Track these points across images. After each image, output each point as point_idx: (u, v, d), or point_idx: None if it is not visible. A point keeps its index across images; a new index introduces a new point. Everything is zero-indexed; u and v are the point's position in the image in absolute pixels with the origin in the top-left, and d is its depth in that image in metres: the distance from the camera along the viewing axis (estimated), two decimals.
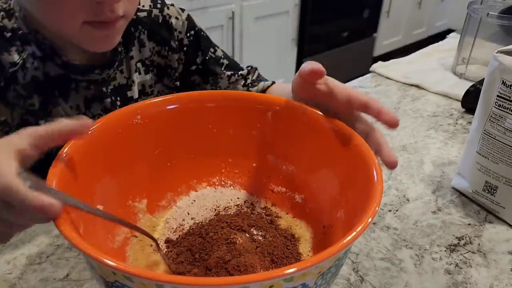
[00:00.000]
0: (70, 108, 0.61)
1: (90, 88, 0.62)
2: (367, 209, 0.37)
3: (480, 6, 1.09)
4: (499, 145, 0.60)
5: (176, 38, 0.71)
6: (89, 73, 0.61)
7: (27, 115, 0.58)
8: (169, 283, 0.30)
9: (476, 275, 0.54)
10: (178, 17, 0.71)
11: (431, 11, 3.58)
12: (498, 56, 0.59)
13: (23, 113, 0.58)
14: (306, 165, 0.54)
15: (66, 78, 0.60)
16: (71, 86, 0.60)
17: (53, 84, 0.59)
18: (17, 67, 0.55)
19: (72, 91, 0.61)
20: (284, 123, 0.54)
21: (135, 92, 0.69)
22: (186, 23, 0.72)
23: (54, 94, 0.59)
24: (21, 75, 0.56)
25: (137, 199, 0.53)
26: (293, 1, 2.45)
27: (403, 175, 0.74)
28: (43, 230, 0.58)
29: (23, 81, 0.56)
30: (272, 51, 2.45)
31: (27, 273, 0.52)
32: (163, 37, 0.70)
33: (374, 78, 1.13)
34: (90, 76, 0.62)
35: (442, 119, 0.93)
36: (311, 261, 0.32)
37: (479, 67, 1.10)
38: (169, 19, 0.70)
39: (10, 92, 0.56)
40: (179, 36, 0.72)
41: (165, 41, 0.70)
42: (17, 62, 0.55)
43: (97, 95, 0.63)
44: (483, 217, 0.65)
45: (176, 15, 0.71)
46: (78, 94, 0.62)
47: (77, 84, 0.61)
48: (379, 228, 0.62)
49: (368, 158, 0.44)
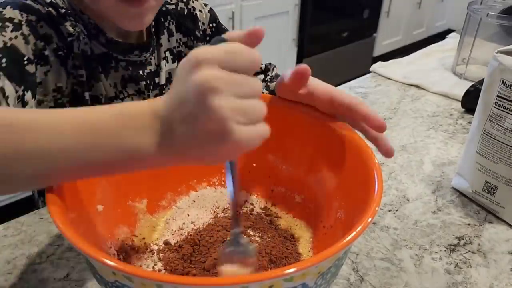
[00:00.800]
0: (109, 85, 0.65)
1: (128, 68, 0.66)
2: (367, 209, 0.37)
3: (480, 6, 1.09)
4: (499, 145, 0.60)
5: (200, 28, 0.76)
6: (128, 53, 0.65)
7: (76, 85, 0.61)
8: (169, 283, 0.30)
9: (476, 275, 0.54)
10: (201, 10, 0.77)
11: (431, 11, 3.58)
12: (498, 56, 0.59)
13: (74, 83, 0.61)
14: (306, 165, 0.54)
15: (108, 56, 0.64)
16: (111, 64, 0.64)
17: (97, 60, 0.62)
18: (74, 37, 0.59)
19: (111, 69, 0.64)
20: (285, 123, 0.54)
21: (162, 78, 0.72)
22: (208, 15, 0.78)
23: (98, 69, 0.63)
24: (76, 45, 0.60)
25: (137, 199, 0.53)
26: (293, 1, 2.45)
27: (403, 175, 0.74)
28: (43, 230, 0.58)
29: (78, 51, 0.60)
30: (272, 51, 2.45)
31: (27, 273, 0.52)
32: (188, 28, 0.75)
33: (374, 78, 1.13)
34: (130, 57, 0.65)
35: (442, 119, 0.93)
36: (311, 261, 0.32)
37: (479, 67, 1.10)
38: (194, 11, 0.75)
39: (69, 60, 0.59)
40: (202, 26, 0.77)
41: (190, 31, 0.75)
42: (73, 34, 0.59)
43: (134, 76, 0.67)
44: (483, 217, 0.65)
45: (200, 8, 0.77)
46: (117, 73, 0.65)
47: (117, 63, 0.64)
48: (379, 228, 0.62)
49: (368, 158, 0.44)
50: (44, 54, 0.56)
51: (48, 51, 0.57)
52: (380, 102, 0.99)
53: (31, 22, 0.55)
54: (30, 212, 0.61)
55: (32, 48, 0.54)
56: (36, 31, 0.55)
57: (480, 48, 1.08)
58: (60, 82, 0.59)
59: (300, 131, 0.53)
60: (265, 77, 0.78)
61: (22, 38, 0.53)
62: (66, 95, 0.60)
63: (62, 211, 0.36)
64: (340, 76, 2.54)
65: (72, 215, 0.38)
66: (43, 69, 0.57)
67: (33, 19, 0.55)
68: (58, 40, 0.58)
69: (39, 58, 0.56)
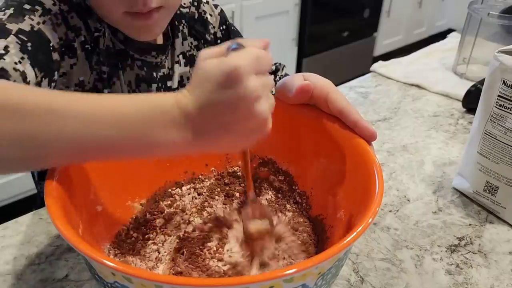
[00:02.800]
0: (124, 82, 0.65)
1: (143, 68, 0.66)
2: (367, 209, 0.37)
3: (480, 6, 1.09)
4: (500, 145, 0.60)
5: (211, 32, 0.76)
6: (145, 53, 0.65)
7: (98, 81, 0.61)
8: (169, 283, 0.30)
9: (477, 275, 0.54)
10: (212, 14, 0.76)
11: (431, 10, 3.57)
12: (498, 56, 0.59)
13: (96, 79, 0.61)
14: (306, 165, 0.54)
15: (125, 54, 0.63)
16: (128, 62, 0.64)
17: (116, 57, 0.63)
18: (101, 33, 0.59)
19: (127, 67, 0.64)
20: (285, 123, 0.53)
21: (175, 82, 0.72)
22: (218, 18, 0.77)
23: (117, 66, 0.63)
24: (102, 41, 0.60)
25: (136, 200, 0.53)
26: (293, 1, 2.44)
27: (403, 175, 0.73)
28: (43, 231, 0.58)
29: (103, 47, 0.60)
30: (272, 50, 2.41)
31: (27, 273, 0.52)
32: (199, 31, 0.75)
33: (375, 78, 1.12)
34: (146, 57, 0.65)
35: (443, 119, 0.93)
36: (311, 261, 0.32)
37: (479, 67, 1.10)
38: (204, 15, 0.75)
39: (94, 55, 0.60)
40: (213, 30, 0.77)
41: (201, 35, 0.75)
42: (100, 29, 0.59)
43: (147, 77, 0.67)
44: (484, 217, 0.65)
45: (210, 12, 0.76)
46: (132, 71, 0.65)
47: (133, 61, 0.64)
48: (379, 228, 0.62)
49: (368, 158, 0.44)
50: (73, 46, 0.57)
51: (76, 43, 0.57)
52: (380, 102, 0.99)
53: (63, 11, 0.55)
54: (29, 213, 0.61)
55: (61, 36, 0.55)
56: (67, 21, 0.56)
57: (481, 47, 1.08)
58: (83, 76, 0.59)
59: (300, 131, 0.53)
60: (275, 78, 0.79)
61: (50, 24, 0.53)
62: (87, 90, 0.60)
63: (62, 212, 0.36)
64: (340, 76, 2.53)
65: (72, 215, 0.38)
66: (70, 61, 0.57)
67: (65, 9, 0.56)
68: (86, 33, 0.58)
69: (68, 49, 0.56)
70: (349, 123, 0.47)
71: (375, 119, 0.92)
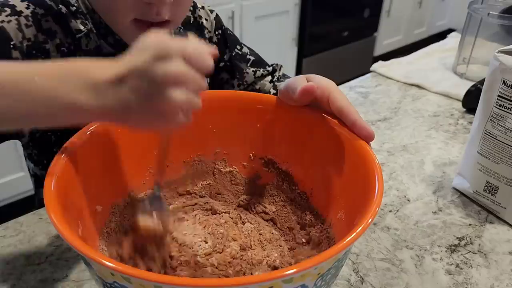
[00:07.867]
0: None
1: None
2: (367, 209, 0.37)
3: (480, 6, 1.09)
4: (500, 145, 0.60)
5: (206, 36, 0.76)
6: None
7: None
8: (168, 284, 0.30)
9: (477, 275, 0.54)
10: (207, 18, 0.76)
11: (431, 10, 3.57)
12: (498, 56, 0.58)
13: None
14: (306, 165, 0.54)
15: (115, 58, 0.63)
16: None
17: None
18: (82, 34, 0.59)
19: None
20: (285, 123, 0.53)
21: None
22: (214, 22, 0.77)
23: None
24: (85, 42, 0.60)
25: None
26: (293, 1, 2.44)
27: (403, 175, 0.73)
28: (42, 231, 0.58)
29: (85, 48, 0.60)
30: (272, 50, 2.45)
31: (26, 273, 0.52)
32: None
33: (375, 78, 1.12)
34: None
35: (443, 119, 0.93)
36: (310, 262, 0.32)
37: (480, 67, 1.10)
38: (200, 20, 0.75)
39: (76, 56, 0.60)
40: (208, 34, 0.76)
41: None
42: (83, 30, 0.59)
43: None
44: (484, 217, 0.65)
45: (206, 17, 0.76)
46: None
47: None
48: (379, 228, 0.62)
49: (368, 158, 0.44)
50: (45, 48, 0.57)
51: (49, 45, 0.58)
52: (380, 102, 0.99)
53: (36, 15, 0.56)
54: (29, 213, 0.61)
55: (28, 37, 0.55)
56: (39, 24, 0.56)
57: (481, 47, 1.08)
58: None
59: (301, 132, 0.53)
60: (272, 78, 0.78)
61: (16, 24, 0.54)
62: None
63: (61, 212, 0.36)
64: (340, 76, 2.53)
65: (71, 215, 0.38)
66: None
67: (40, 12, 0.56)
68: (63, 36, 0.58)
69: (38, 50, 0.57)
70: (348, 122, 0.47)
71: (375, 119, 0.92)
